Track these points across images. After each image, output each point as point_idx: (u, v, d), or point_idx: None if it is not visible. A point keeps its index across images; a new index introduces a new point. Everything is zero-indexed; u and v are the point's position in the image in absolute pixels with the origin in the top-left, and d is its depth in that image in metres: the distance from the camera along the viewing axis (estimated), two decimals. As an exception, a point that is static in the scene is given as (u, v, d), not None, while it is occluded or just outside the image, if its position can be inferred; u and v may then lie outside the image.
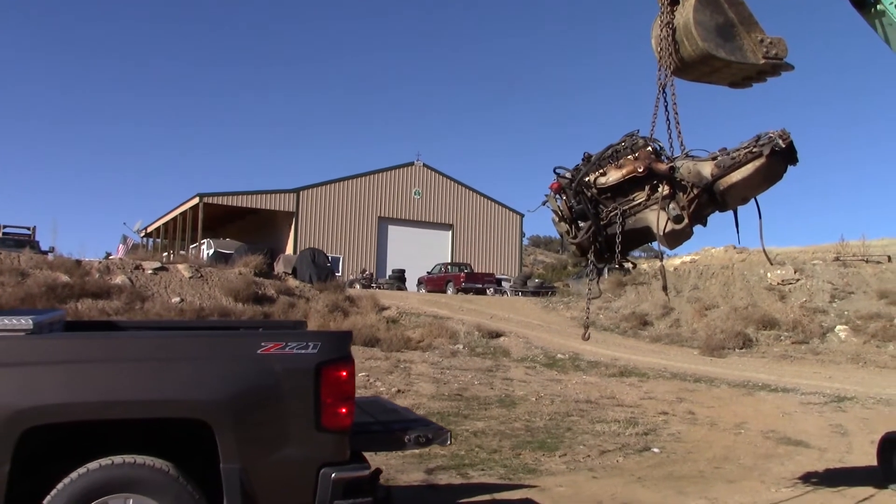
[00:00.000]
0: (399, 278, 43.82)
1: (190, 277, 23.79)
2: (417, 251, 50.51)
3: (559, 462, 10.19)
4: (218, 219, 51.80)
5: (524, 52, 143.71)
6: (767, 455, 11.06)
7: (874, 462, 9.15)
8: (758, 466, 10.27)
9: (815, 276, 31.60)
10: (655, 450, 11.18)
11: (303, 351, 4.58)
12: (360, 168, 63.60)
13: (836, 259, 34.64)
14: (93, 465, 4.29)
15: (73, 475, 4.27)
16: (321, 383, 4.53)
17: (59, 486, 4.26)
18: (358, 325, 21.62)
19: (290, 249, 45.87)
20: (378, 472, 5.01)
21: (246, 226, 52.18)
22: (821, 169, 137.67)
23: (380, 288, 38.95)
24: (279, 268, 30.79)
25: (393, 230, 52.78)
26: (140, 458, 4.35)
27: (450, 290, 40.02)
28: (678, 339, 26.93)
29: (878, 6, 7.66)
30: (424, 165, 54.69)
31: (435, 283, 42.20)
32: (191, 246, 46.30)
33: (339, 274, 42.59)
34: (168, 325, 8.08)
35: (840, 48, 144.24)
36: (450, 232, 54.59)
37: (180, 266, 24.78)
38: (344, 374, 4.61)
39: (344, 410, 4.57)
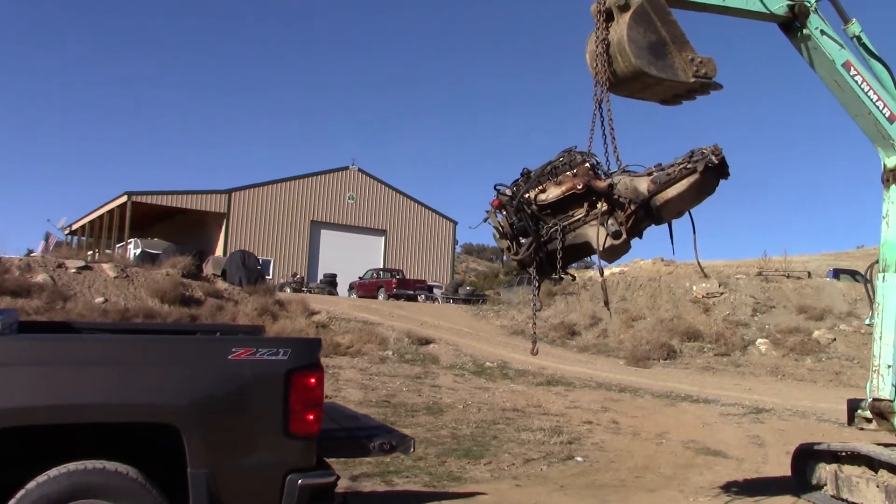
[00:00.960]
0: (330, 283, 43.55)
1: (115, 277, 23.23)
2: (350, 256, 50.23)
3: (484, 470, 10.24)
4: (146, 218, 50.72)
5: (461, 63, 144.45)
6: (687, 465, 11.29)
7: (789, 473, 9.41)
8: (677, 476, 10.47)
9: (738, 290, 32.44)
10: (579, 458, 11.32)
11: (273, 357, 4.58)
12: (294, 171, 63.06)
13: (759, 274, 35.67)
14: (57, 470, 4.21)
15: (37, 481, 4.18)
16: (290, 390, 4.55)
17: (21, 492, 4.15)
18: (287, 329, 21.40)
19: (220, 251, 45.18)
20: (337, 478, 5.01)
21: (175, 226, 51.21)
22: (747, 185, 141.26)
23: (311, 292, 38.64)
24: (208, 269, 30.29)
25: (325, 234, 52.42)
26: (105, 464, 4.29)
27: (381, 296, 39.93)
28: (605, 349, 27.32)
29: (805, 31, 7.91)
30: (359, 170, 54.47)
31: (366, 288, 42.05)
32: (117, 245, 45.25)
33: (270, 277, 42.10)
34: (125, 327, 7.90)
35: (767, 69, 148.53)
36: (383, 238, 54.47)
37: (105, 265, 24.17)
38: (313, 380, 4.63)
39: (311, 417, 4.60)
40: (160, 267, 25.96)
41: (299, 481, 4.50)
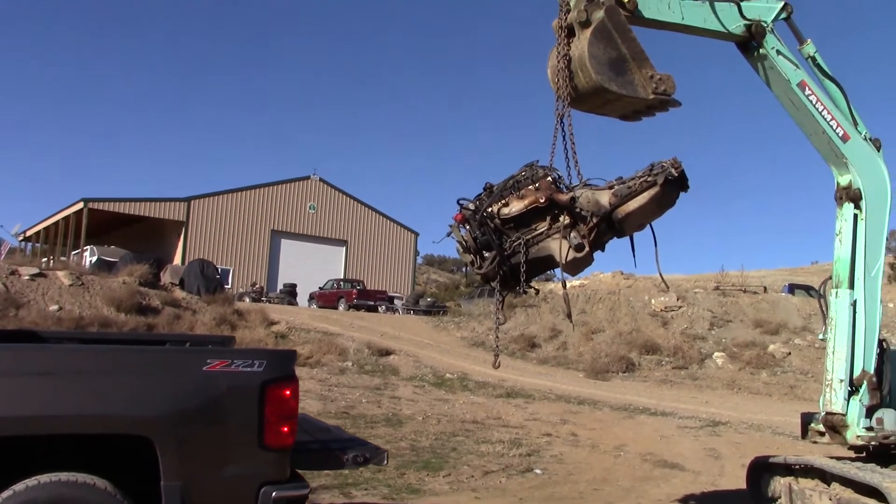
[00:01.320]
0: (290, 293, 43.26)
1: (70, 285, 22.87)
2: (310, 266, 49.93)
3: (443, 482, 10.23)
4: (103, 225, 50.02)
5: (424, 75, 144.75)
6: (645, 477, 11.37)
7: (745, 486, 9.51)
8: (635, 488, 10.55)
9: (696, 303, 32.81)
10: (538, 471, 11.35)
11: (249, 369, 4.55)
12: (255, 180, 62.57)
13: (716, 288, 36.10)
14: (29, 482, 4.15)
15: (8, 492, 4.11)
16: (265, 401, 4.52)
17: None
18: (245, 339, 21.19)
19: (178, 260, 44.63)
20: (310, 490, 4.98)
21: (133, 234, 50.53)
22: (706, 200, 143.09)
23: (270, 302, 38.36)
24: (166, 278, 29.94)
25: (286, 244, 52.06)
26: (78, 476, 4.23)
27: (341, 307, 39.73)
28: (565, 361, 27.44)
29: (761, 50, 8.05)
30: (321, 180, 54.22)
31: (327, 298, 41.82)
32: (73, 252, 44.53)
33: (229, 286, 41.71)
34: (93, 337, 7.74)
35: (726, 88, 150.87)
36: (344, 248, 54.25)
37: (60, 273, 23.77)
38: (288, 392, 4.61)
39: (286, 429, 4.58)
40: (117, 275, 25.61)
41: (273, 493, 4.49)
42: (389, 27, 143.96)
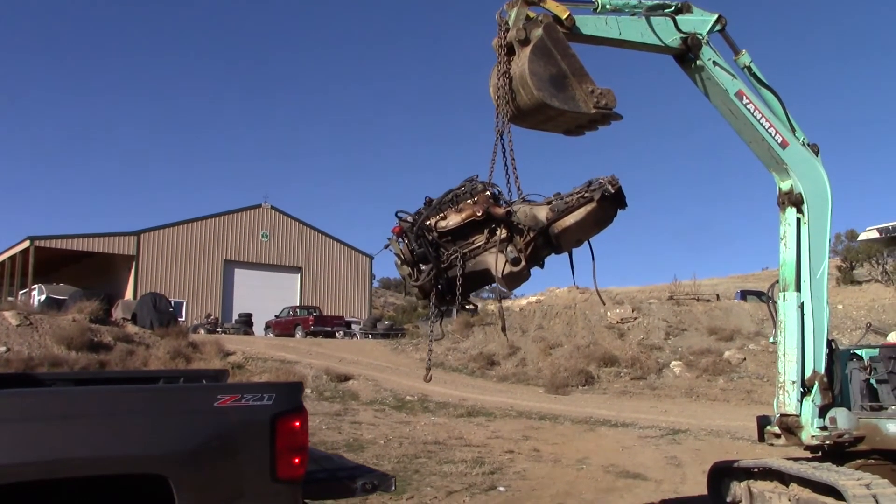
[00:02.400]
0: (246, 322, 42.83)
1: (18, 325, 22.40)
2: (265, 294, 49.51)
3: (408, 506, 10.16)
4: (51, 263, 49.11)
5: (370, 97, 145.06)
6: (608, 489, 11.41)
7: (706, 491, 9.60)
8: (599, 500, 10.58)
9: (651, 314, 33.16)
10: (501, 488, 11.33)
11: (258, 402, 4.58)
12: (205, 211, 61.91)
13: (671, 298, 36.55)
14: None
15: None
16: (276, 434, 4.56)
17: None
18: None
19: (129, 294, 43.99)
20: None
21: (82, 270, 49.70)
22: (655, 211, 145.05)
23: (226, 332, 37.92)
24: (117, 314, 29.52)
25: (239, 273, 51.58)
26: None
27: (298, 334, 39.42)
28: (524, 377, 27.49)
29: (698, 62, 8.21)
30: (272, 208, 53.93)
31: (283, 326, 41.48)
32: (20, 292, 43.62)
33: (183, 319, 41.19)
34: (86, 377, 7.60)
35: (665, 95, 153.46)
36: (298, 275, 53.91)
37: (7, 313, 23.29)
38: (297, 424, 4.65)
39: (297, 461, 4.61)
40: (66, 313, 25.18)
41: None
42: (333, 51, 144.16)
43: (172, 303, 34.88)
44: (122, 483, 4.41)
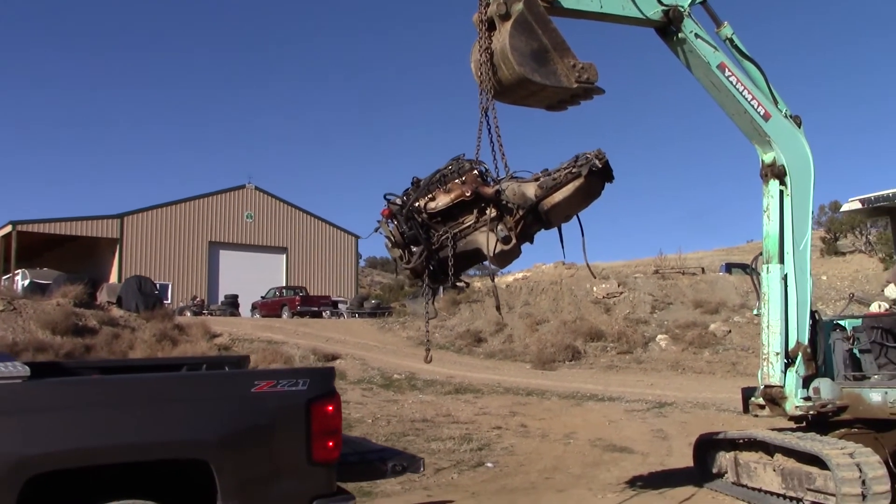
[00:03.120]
0: (232, 304, 42.67)
1: (2, 310, 22.28)
2: (251, 276, 49.25)
3: (394, 483, 10.16)
4: (34, 247, 48.66)
5: (356, 78, 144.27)
6: (595, 463, 11.48)
7: (692, 463, 9.68)
8: (586, 474, 10.64)
9: (637, 288, 33.27)
10: (489, 464, 11.38)
11: (294, 388, 4.71)
12: (189, 192, 61.50)
13: (656, 272, 36.67)
14: None
15: None
16: (311, 418, 4.69)
17: None
18: (188, 353, 20.86)
19: (114, 278, 43.73)
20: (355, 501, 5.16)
21: (66, 254, 49.30)
22: (640, 186, 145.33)
23: (212, 314, 37.79)
24: (102, 297, 29.42)
25: (225, 255, 51.31)
26: (139, 503, 4.37)
27: (285, 315, 39.33)
28: (511, 354, 27.57)
29: (680, 35, 8.19)
30: (256, 188, 53.56)
31: (269, 307, 41.37)
32: (3, 277, 43.31)
33: (169, 301, 41.03)
34: (113, 364, 7.66)
35: (649, 70, 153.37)
36: (284, 255, 53.69)
37: (-9, 299, 23.18)
38: (331, 408, 4.77)
39: (331, 444, 4.75)
40: (50, 297, 25.07)
41: None
42: (313, 32, 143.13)
43: (157, 285, 34.74)
44: (163, 468, 4.52)
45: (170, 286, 46.63)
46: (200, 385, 4.91)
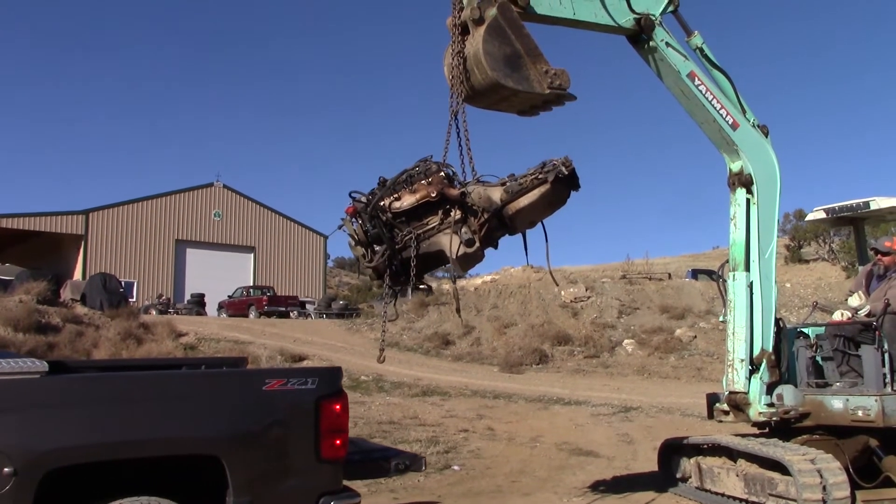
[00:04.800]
0: (198, 303, 42.31)
1: (-38, 307, 21.91)
2: (218, 274, 48.90)
3: (360, 486, 10.06)
4: (-5, 243, 48.03)
5: (325, 78, 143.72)
6: (561, 466, 11.53)
7: (656, 467, 9.76)
8: (552, 478, 10.68)
9: (604, 293, 33.46)
10: (456, 467, 11.39)
11: (303, 386, 4.83)
12: (156, 189, 60.94)
13: (623, 277, 36.93)
14: None
15: None
16: (320, 416, 4.80)
17: None
18: (153, 353, 20.68)
19: (78, 275, 43.18)
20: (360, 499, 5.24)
21: (28, 250, 48.58)
22: (608, 192, 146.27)
23: (178, 313, 37.47)
24: (66, 294, 29.04)
25: (191, 253, 50.87)
26: (153, 499, 4.44)
27: (252, 314, 39.12)
28: (479, 357, 27.59)
29: (651, 43, 8.25)
30: (224, 187, 53.18)
31: (236, 307, 41.10)
32: (-36, 273, 42.64)
33: (134, 300, 40.62)
34: (111, 364, 7.64)
35: (621, 78, 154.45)
36: (252, 254, 53.36)
37: (-49, 295, 22.79)
38: (338, 407, 4.89)
39: (339, 442, 4.87)
40: (13, 294, 24.72)
41: (332, 503, 4.78)
42: (284, 30, 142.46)
43: (123, 283, 34.39)
44: (172, 464, 4.63)
45: (135, 284, 46.18)
46: (214, 383, 5.02)
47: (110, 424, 4.41)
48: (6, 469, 4.06)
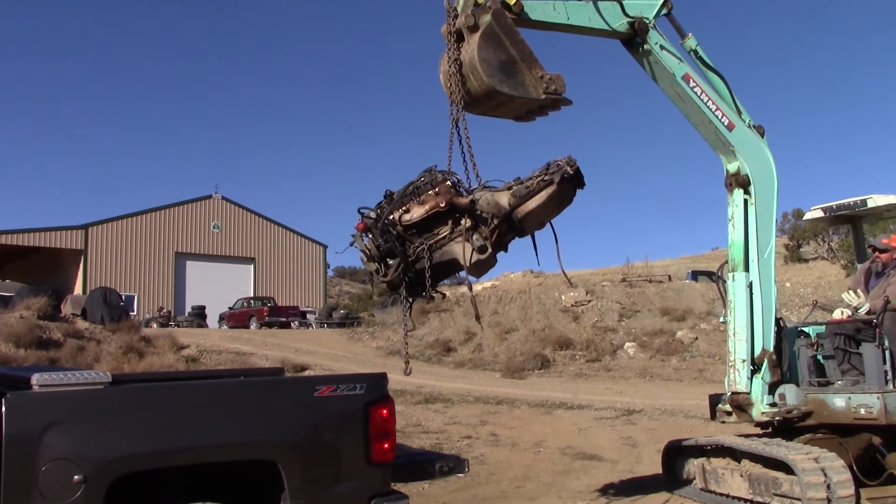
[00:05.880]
0: (199, 315, 42.33)
1: (-37, 324, 21.92)
2: (218, 286, 48.89)
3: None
4: (-5, 259, 48.06)
5: (323, 91, 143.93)
6: (565, 471, 11.52)
7: (660, 470, 9.75)
8: (556, 483, 10.67)
9: (604, 296, 33.46)
10: (460, 474, 11.36)
11: (352, 392, 4.96)
12: (155, 202, 60.88)
13: (623, 280, 36.95)
14: None
15: None
16: (369, 421, 4.93)
17: None
18: (154, 365, 20.68)
19: (78, 289, 43.21)
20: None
21: (28, 266, 48.64)
22: (606, 196, 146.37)
23: (179, 326, 37.49)
24: (67, 309, 29.08)
25: (191, 266, 50.88)
26: None
27: (253, 325, 39.12)
28: (481, 363, 27.59)
29: (645, 46, 8.28)
30: (223, 198, 53.22)
31: (237, 318, 41.10)
32: (-36, 290, 42.62)
33: (135, 313, 40.63)
34: (158, 377, 7.70)
35: (616, 80, 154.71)
36: (252, 266, 53.38)
37: (-49, 312, 22.80)
38: (385, 412, 5.01)
39: (387, 446, 4.98)
40: (13, 310, 24.73)
41: None
42: (282, 41, 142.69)
43: (123, 297, 34.43)
44: (228, 470, 4.73)
45: (136, 297, 46.19)
46: (269, 390, 5.12)
47: (172, 432, 4.52)
48: (76, 476, 4.17)
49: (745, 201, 8.63)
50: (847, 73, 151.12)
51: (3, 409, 4.19)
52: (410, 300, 7.50)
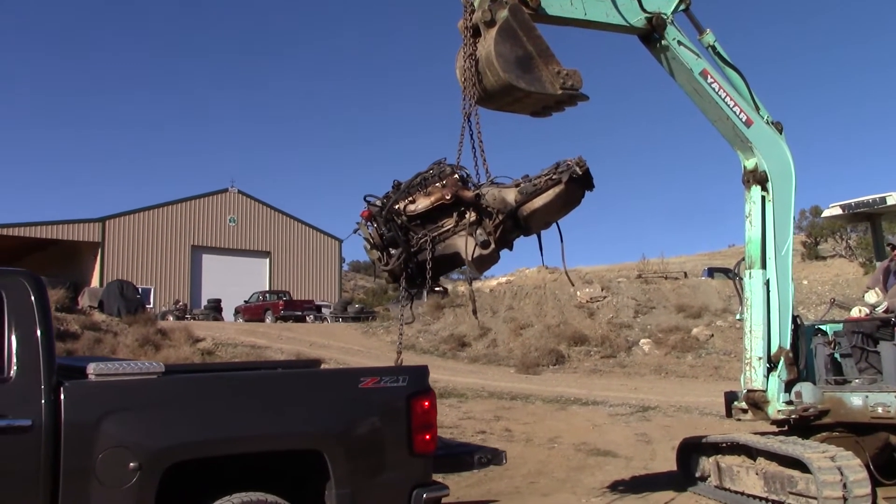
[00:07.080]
0: (215, 308, 42.52)
1: (-19, 315, 22.05)
2: (234, 280, 49.04)
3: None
4: (13, 251, 48.20)
5: (339, 86, 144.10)
6: (579, 467, 11.51)
7: (675, 467, 9.73)
8: (570, 479, 10.67)
9: (620, 292, 33.36)
10: (474, 469, 11.36)
11: (395, 384, 5.11)
12: (171, 196, 61.12)
13: (639, 276, 36.80)
14: (233, 499, 4.57)
15: None
16: (411, 413, 5.07)
17: None
18: (171, 358, 20.76)
19: (95, 282, 43.45)
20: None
21: (46, 258, 48.91)
22: (622, 192, 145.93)
23: (195, 319, 37.63)
24: (84, 302, 29.27)
25: (207, 259, 51.06)
26: (263, 496, 4.67)
27: (268, 319, 39.25)
28: (495, 358, 27.57)
29: (663, 42, 8.25)
30: (239, 192, 53.34)
31: (253, 311, 41.23)
32: (-18, 282, 42.85)
33: (151, 306, 40.84)
34: (198, 368, 7.84)
35: (633, 75, 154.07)
36: (267, 259, 53.51)
37: (-30, 304, 22.94)
38: (427, 404, 5.15)
39: (428, 437, 5.12)
40: (31, 302, 24.82)
41: (424, 495, 5.03)
42: (297, 35, 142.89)
43: (140, 290, 34.61)
44: (274, 459, 4.91)
45: (152, 290, 46.41)
46: (315, 382, 5.29)
47: (224, 421, 4.63)
48: (132, 464, 4.29)
49: (763, 198, 8.58)
50: (869, 69, 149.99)
51: (63, 397, 4.31)
52: (410, 291, 7.51)
